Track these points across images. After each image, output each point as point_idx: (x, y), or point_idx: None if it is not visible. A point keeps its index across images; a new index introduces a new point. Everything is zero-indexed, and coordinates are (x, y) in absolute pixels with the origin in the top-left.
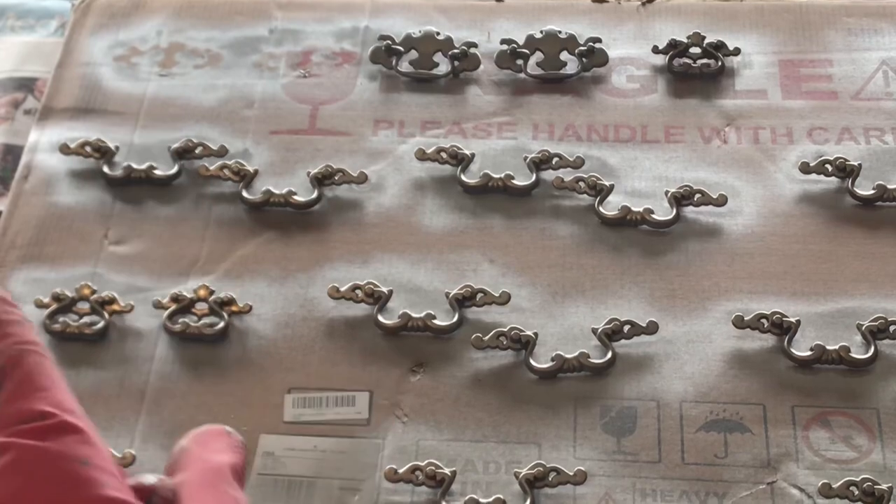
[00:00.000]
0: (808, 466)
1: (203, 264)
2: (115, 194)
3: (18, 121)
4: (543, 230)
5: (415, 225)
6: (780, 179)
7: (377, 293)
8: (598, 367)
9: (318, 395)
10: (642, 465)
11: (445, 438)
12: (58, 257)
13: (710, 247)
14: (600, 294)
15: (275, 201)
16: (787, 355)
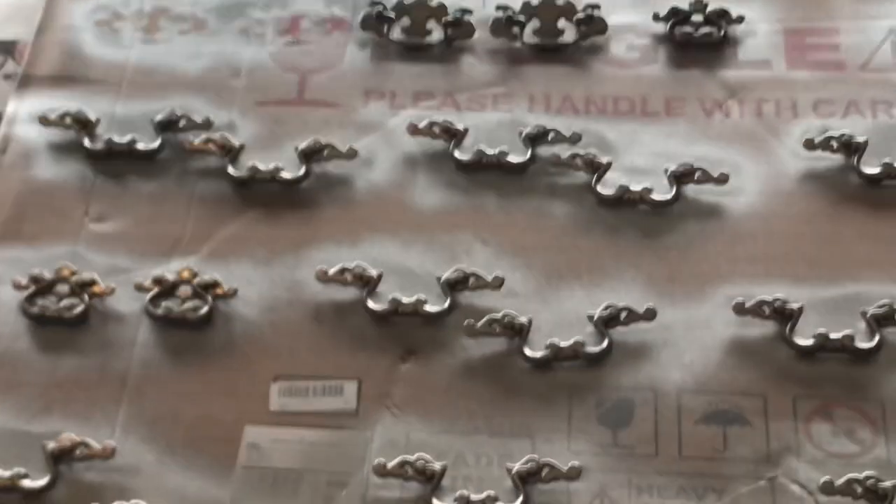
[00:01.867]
0: (809, 461)
1: (186, 244)
2: (95, 169)
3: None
4: (538, 210)
5: (406, 203)
6: (783, 156)
7: (366, 276)
8: (593, 355)
9: (304, 384)
10: (638, 459)
11: (436, 430)
12: (36, 235)
13: (711, 227)
14: (597, 277)
15: (261, 178)
16: (789, 344)
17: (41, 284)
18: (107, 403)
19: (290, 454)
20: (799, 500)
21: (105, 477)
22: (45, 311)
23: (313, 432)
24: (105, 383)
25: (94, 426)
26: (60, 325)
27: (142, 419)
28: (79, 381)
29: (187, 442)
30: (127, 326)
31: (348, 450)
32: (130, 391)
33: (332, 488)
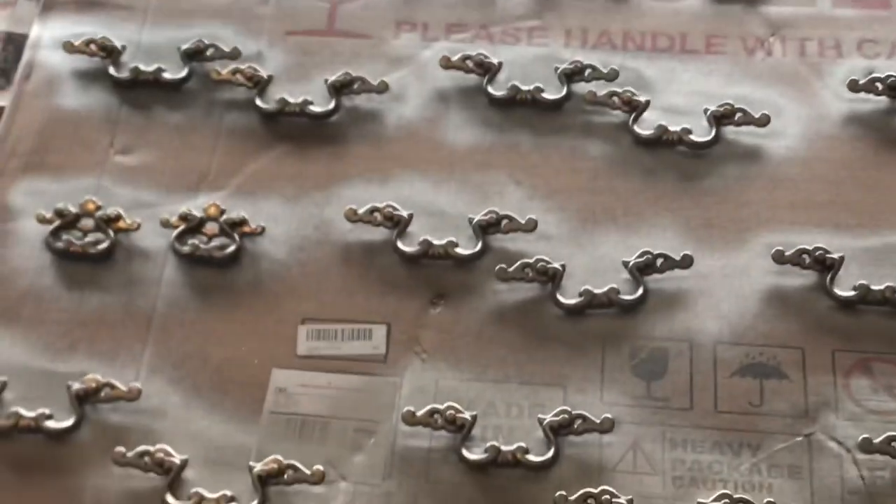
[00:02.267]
0: (847, 417)
1: (213, 179)
2: (121, 98)
3: (21, 6)
4: (574, 149)
5: (438, 141)
6: (826, 97)
7: (396, 217)
8: (628, 303)
9: (333, 328)
10: (673, 413)
11: (466, 378)
12: (61, 167)
13: (751, 171)
14: (633, 222)
15: (290, 111)
16: (829, 294)
17: (66, 219)
18: (132, 343)
19: (318, 400)
20: (836, 457)
21: (130, 419)
22: (70, 247)
23: (341, 377)
24: (130, 322)
25: (120, 366)
26: (85, 260)
27: (168, 360)
28: (104, 319)
29: (214, 385)
30: (152, 264)
31: (377, 397)
32: (156, 331)
33: (360, 436)
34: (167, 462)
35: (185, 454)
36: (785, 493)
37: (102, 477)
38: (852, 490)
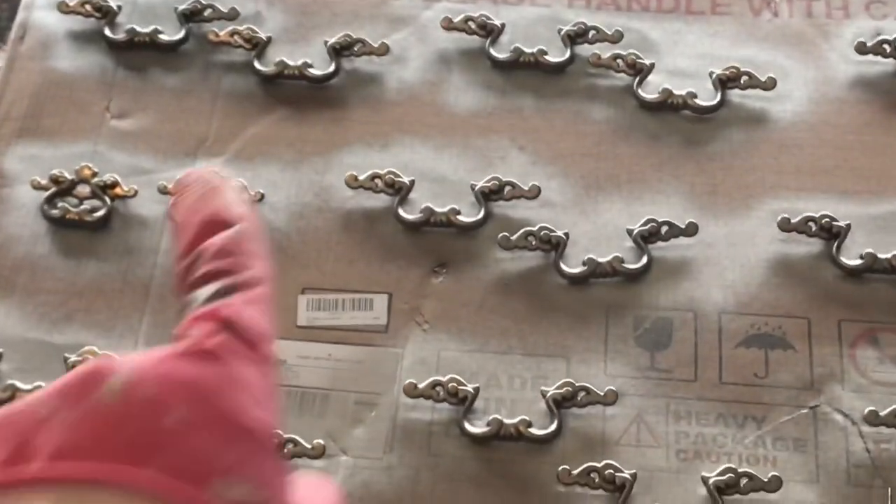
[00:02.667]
0: (853, 389)
1: (212, 144)
2: (117, 60)
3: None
4: (577, 113)
5: (439, 104)
6: (833, 60)
7: (398, 184)
8: (632, 272)
9: (333, 297)
10: (677, 384)
11: (468, 349)
12: (56, 131)
13: (757, 136)
14: (637, 188)
15: (289, 73)
16: (836, 263)
17: (61, 185)
18: (130, 313)
19: (318, 372)
20: (842, 430)
21: None
22: (66, 214)
23: (342, 349)
24: (128, 292)
25: (117, 338)
26: (81, 228)
27: (166, 331)
28: (100, 289)
29: None
30: (150, 232)
31: (378, 368)
32: (154, 301)
33: (361, 409)
34: None
35: None
36: (790, 467)
37: None
38: (858, 463)
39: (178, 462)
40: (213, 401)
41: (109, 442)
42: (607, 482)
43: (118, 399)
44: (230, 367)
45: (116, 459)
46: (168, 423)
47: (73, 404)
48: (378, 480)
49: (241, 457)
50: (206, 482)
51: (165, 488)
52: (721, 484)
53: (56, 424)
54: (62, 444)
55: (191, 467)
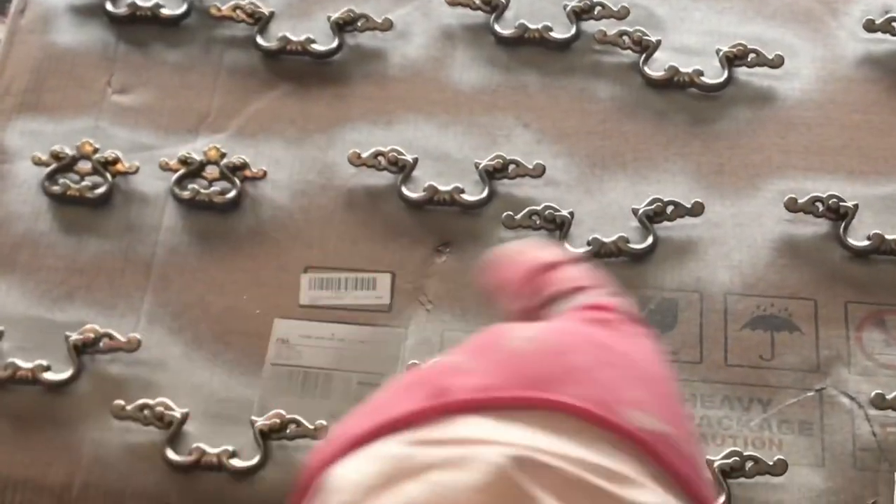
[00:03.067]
0: (859, 372)
1: (213, 120)
2: (118, 35)
3: None
4: (583, 91)
5: (443, 81)
6: (841, 38)
7: (401, 161)
8: (637, 252)
9: (336, 276)
10: (682, 366)
11: (472, 329)
12: (57, 107)
13: (763, 114)
14: (642, 167)
15: (292, 49)
16: (843, 244)
17: (62, 161)
18: (131, 291)
19: (321, 351)
20: (848, 413)
21: (129, 370)
22: (67, 190)
23: (345, 328)
24: (129, 270)
25: (119, 315)
26: (82, 205)
27: (167, 309)
28: (102, 266)
29: (215, 335)
30: (151, 209)
31: (381, 348)
32: (155, 279)
33: (364, 389)
34: (167, 416)
35: (185, 407)
36: (796, 450)
37: (101, 430)
38: (864, 447)
39: (591, 391)
40: (615, 348)
41: (525, 376)
42: None
43: (528, 344)
44: (624, 331)
45: (536, 388)
46: (578, 361)
47: (484, 353)
48: None
49: (646, 394)
50: (616, 409)
51: (584, 409)
52: (726, 467)
53: (472, 370)
54: (481, 381)
55: (604, 396)
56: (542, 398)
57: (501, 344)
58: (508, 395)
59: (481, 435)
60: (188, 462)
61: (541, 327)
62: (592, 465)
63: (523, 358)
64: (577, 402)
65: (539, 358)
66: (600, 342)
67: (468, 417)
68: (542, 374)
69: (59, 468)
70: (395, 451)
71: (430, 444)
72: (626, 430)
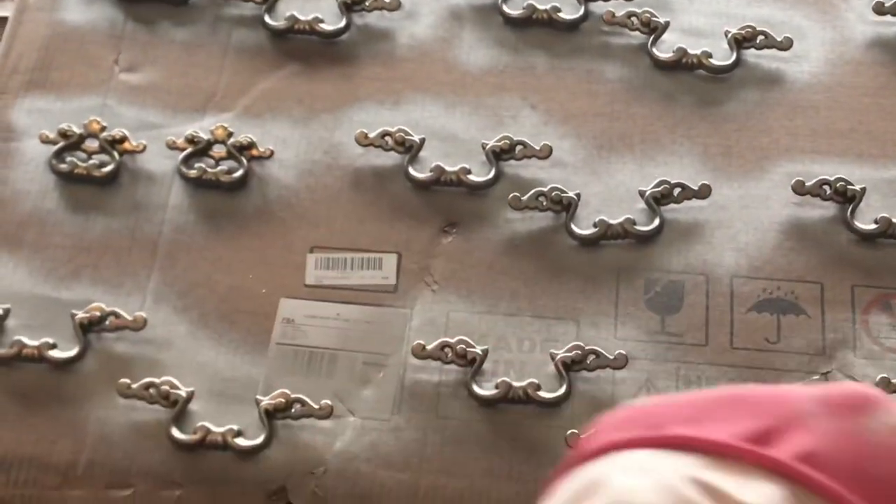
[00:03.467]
0: (865, 356)
1: (221, 99)
2: (126, 13)
3: None
4: (590, 72)
5: (451, 62)
6: (851, 20)
7: (408, 142)
8: (644, 234)
9: (342, 256)
10: (688, 349)
11: (477, 310)
12: (64, 85)
13: (772, 97)
14: (650, 149)
15: (299, 28)
16: (850, 227)
17: (70, 139)
18: (137, 270)
19: (326, 332)
20: None
21: (135, 349)
22: (74, 169)
23: (350, 308)
24: (136, 248)
25: (125, 294)
26: (89, 183)
27: (173, 288)
28: (108, 245)
29: (221, 314)
30: (158, 187)
31: (386, 328)
32: (162, 258)
33: (369, 369)
34: (173, 394)
35: (190, 386)
36: None
37: (106, 408)
38: None
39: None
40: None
41: (865, 472)
42: None
43: (889, 436)
44: None
45: (864, 492)
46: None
47: (840, 415)
48: (385, 441)
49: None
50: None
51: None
52: None
53: (814, 426)
54: (814, 449)
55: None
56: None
57: (863, 418)
58: (828, 484)
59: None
60: (193, 441)
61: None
62: None
63: (876, 449)
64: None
65: (893, 457)
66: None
67: (774, 485)
68: (885, 478)
69: (65, 446)
70: (685, 491)
71: (719, 499)
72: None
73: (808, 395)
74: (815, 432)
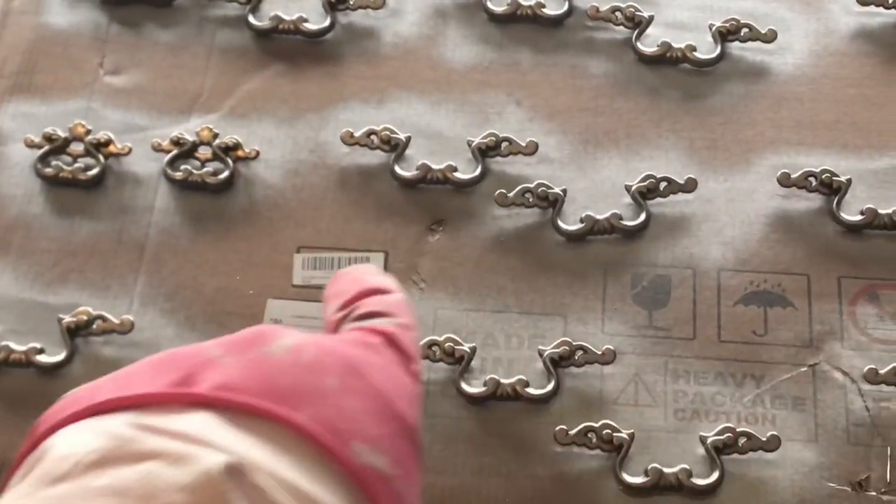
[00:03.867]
0: (852, 347)
1: (206, 100)
2: (110, 15)
3: None
4: (575, 67)
5: (435, 59)
6: (834, 11)
7: (394, 140)
8: (630, 229)
9: (329, 256)
10: (675, 343)
11: (465, 308)
12: (49, 88)
13: (756, 90)
14: (635, 144)
15: (284, 28)
16: (836, 219)
17: (55, 143)
18: (124, 273)
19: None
20: (841, 388)
21: (123, 352)
22: (59, 172)
23: None
24: (122, 251)
25: (112, 297)
26: (75, 187)
27: (160, 290)
28: (95, 248)
29: (208, 316)
30: (144, 190)
31: None
32: (148, 260)
33: None
34: None
35: None
36: (789, 426)
37: None
38: (857, 422)
39: (329, 416)
40: (369, 378)
41: (271, 386)
42: (605, 442)
43: (285, 355)
44: (388, 361)
45: (275, 400)
46: (326, 383)
47: (242, 351)
48: None
49: (386, 433)
50: (348, 441)
51: (313, 433)
52: (719, 443)
53: (224, 364)
54: (228, 379)
55: (339, 424)
56: (276, 412)
57: (262, 347)
58: (246, 401)
59: (208, 435)
60: None
61: (304, 339)
62: (302, 493)
63: (276, 367)
64: (310, 424)
65: (291, 370)
66: (355, 368)
67: (203, 413)
68: (289, 387)
69: None
70: (122, 430)
71: (156, 433)
72: (350, 463)
73: (217, 343)
74: (227, 368)
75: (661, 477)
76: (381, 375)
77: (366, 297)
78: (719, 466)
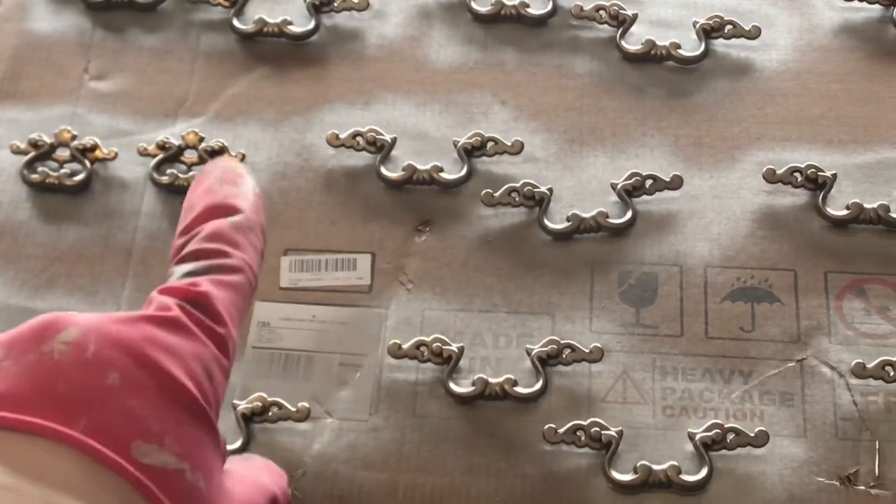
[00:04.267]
0: (840, 342)
1: (191, 104)
2: (95, 21)
3: None
4: (560, 66)
5: (420, 60)
6: (818, 7)
7: (380, 141)
8: (617, 227)
9: (316, 258)
10: (663, 340)
11: (452, 308)
12: (34, 95)
13: (741, 86)
14: (621, 142)
15: (268, 31)
16: (822, 214)
17: (41, 149)
18: (112, 278)
19: (302, 334)
20: (829, 383)
21: None
22: (46, 178)
23: (326, 310)
24: (110, 256)
25: (100, 302)
26: (61, 192)
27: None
28: (82, 253)
29: None
30: (131, 194)
31: (362, 329)
32: (136, 265)
33: (346, 370)
34: None
35: None
36: (777, 421)
37: None
38: (845, 416)
39: (107, 420)
40: (151, 367)
41: (47, 395)
42: (593, 440)
43: (64, 354)
44: (179, 338)
45: (50, 413)
46: (107, 381)
47: (20, 355)
48: (364, 442)
49: (168, 424)
50: (129, 443)
51: (88, 447)
52: (707, 440)
53: (2, 370)
54: (3, 388)
55: (118, 427)
56: (48, 428)
57: (43, 345)
58: (17, 417)
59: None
60: None
61: (88, 329)
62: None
63: (56, 368)
64: (84, 438)
65: (71, 371)
66: (141, 356)
67: None
68: (67, 393)
69: None
70: None
71: None
72: (129, 470)
73: (1, 342)
74: (3, 375)
75: (651, 474)
76: (171, 356)
77: (211, 216)
78: (708, 463)
